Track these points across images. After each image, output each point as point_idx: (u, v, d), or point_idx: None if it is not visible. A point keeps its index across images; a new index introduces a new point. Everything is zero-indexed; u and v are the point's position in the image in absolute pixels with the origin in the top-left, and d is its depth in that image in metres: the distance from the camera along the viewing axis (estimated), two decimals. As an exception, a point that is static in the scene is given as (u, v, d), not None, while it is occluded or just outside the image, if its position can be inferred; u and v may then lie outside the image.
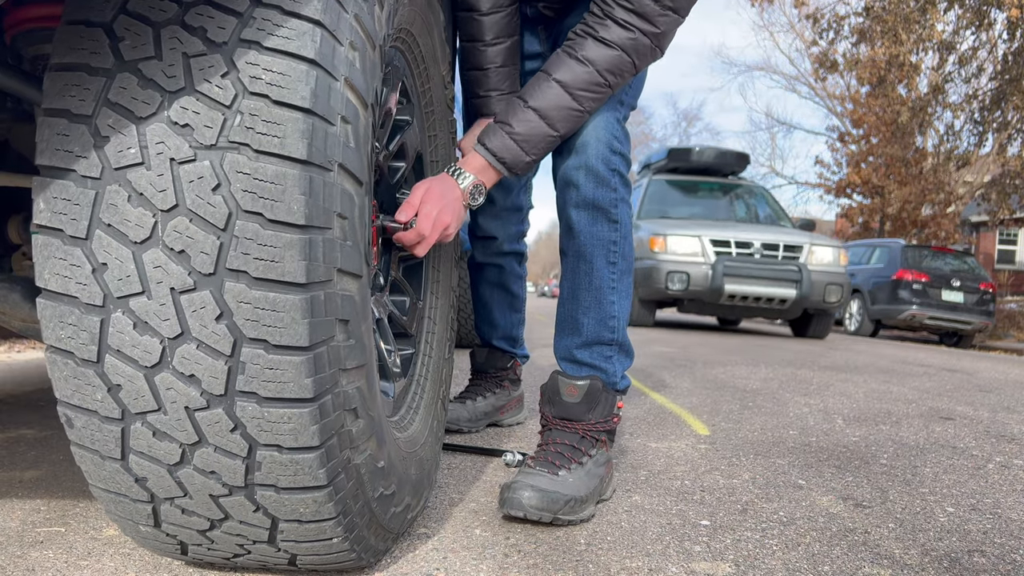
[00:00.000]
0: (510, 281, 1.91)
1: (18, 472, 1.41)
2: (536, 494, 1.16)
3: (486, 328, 1.96)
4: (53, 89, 0.70)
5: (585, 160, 1.32)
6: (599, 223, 1.35)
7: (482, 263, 1.88)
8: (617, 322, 1.38)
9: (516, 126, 1.25)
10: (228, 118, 0.69)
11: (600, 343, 1.38)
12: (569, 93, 1.25)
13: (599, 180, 1.33)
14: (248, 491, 0.77)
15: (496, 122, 1.28)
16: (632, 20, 1.23)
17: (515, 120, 1.26)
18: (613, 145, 1.34)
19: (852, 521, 1.29)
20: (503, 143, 1.26)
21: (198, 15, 0.70)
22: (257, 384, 0.71)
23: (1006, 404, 2.94)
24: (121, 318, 0.70)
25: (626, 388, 1.45)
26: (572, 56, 1.25)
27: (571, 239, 1.38)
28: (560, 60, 1.27)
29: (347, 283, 0.78)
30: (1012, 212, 14.16)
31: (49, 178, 0.70)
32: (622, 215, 1.36)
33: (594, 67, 1.25)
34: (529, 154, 1.27)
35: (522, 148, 1.26)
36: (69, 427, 0.76)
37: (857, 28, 13.69)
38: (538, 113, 1.25)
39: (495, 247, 1.85)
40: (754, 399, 2.76)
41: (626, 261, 1.39)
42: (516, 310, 1.96)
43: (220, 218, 0.68)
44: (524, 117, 1.25)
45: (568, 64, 1.25)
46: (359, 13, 0.80)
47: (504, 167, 1.27)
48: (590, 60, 1.25)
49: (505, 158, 1.26)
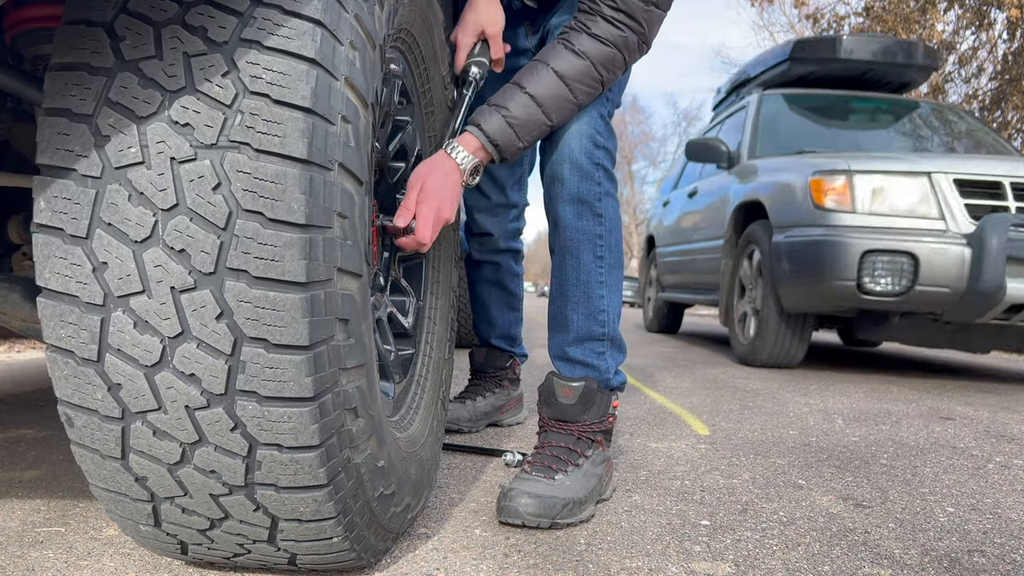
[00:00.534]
0: (507, 279, 1.92)
1: (18, 472, 1.41)
2: (533, 501, 1.16)
3: (484, 327, 1.96)
4: (54, 88, 0.70)
5: (569, 154, 1.33)
6: (584, 217, 1.35)
7: (479, 260, 1.89)
8: (607, 316, 1.38)
9: (513, 109, 1.25)
10: (229, 117, 0.69)
11: (591, 338, 1.38)
12: (565, 83, 1.26)
13: (583, 174, 1.33)
14: (248, 490, 0.77)
15: (491, 104, 1.27)
16: (619, 17, 1.25)
17: (512, 104, 1.26)
18: (597, 139, 1.34)
19: (852, 521, 1.29)
20: (499, 125, 1.25)
21: (199, 15, 0.70)
22: (257, 383, 0.71)
23: (1006, 404, 2.94)
24: (121, 317, 0.70)
25: (621, 384, 1.45)
26: (568, 48, 1.27)
27: (558, 234, 1.38)
28: (557, 51, 1.28)
29: (347, 282, 0.78)
30: (1012, 212, 14.15)
31: (50, 177, 0.70)
32: (607, 209, 1.37)
33: (590, 60, 1.26)
34: (522, 139, 1.27)
35: (516, 133, 1.26)
36: (69, 426, 0.76)
37: (857, 28, 13.69)
38: (535, 99, 1.26)
39: (491, 244, 1.85)
40: (754, 399, 2.76)
41: (613, 255, 1.39)
42: (514, 308, 1.96)
43: (220, 217, 0.68)
44: (521, 101, 1.26)
45: (565, 55, 1.27)
46: (359, 13, 0.80)
47: (496, 150, 1.26)
48: (586, 53, 1.26)
49: (499, 141, 1.25)
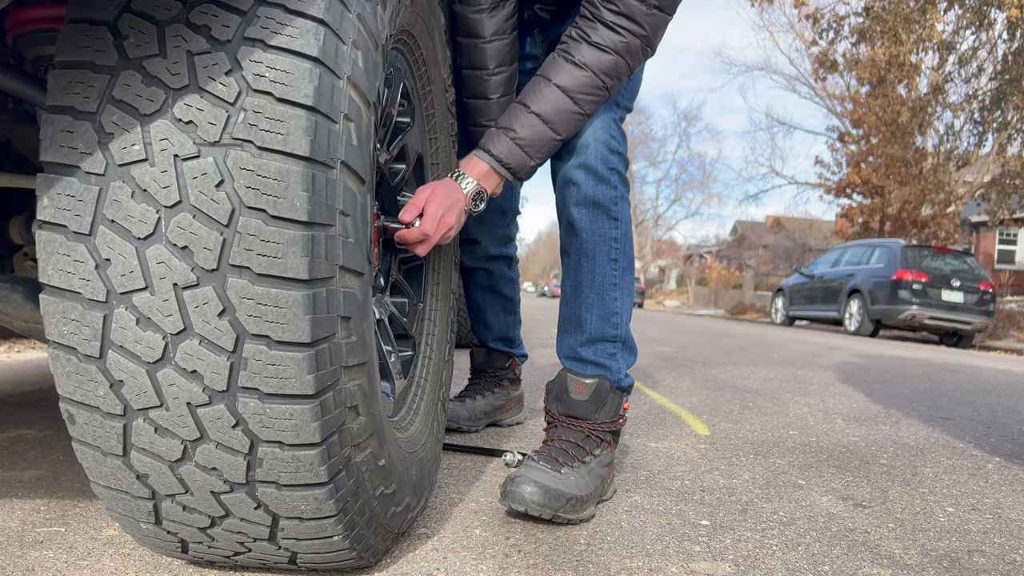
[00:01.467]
0: (500, 284, 1.90)
1: (18, 472, 1.41)
2: (538, 489, 1.16)
3: (481, 330, 1.96)
4: (57, 86, 0.70)
5: (585, 159, 1.34)
6: (600, 220, 1.36)
7: (471, 267, 1.88)
8: (620, 318, 1.39)
9: (520, 131, 1.26)
10: (232, 115, 0.69)
11: (604, 340, 1.38)
12: (570, 97, 1.26)
13: (599, 178, 1.34)
14: (249, 488, 0.77)
15: (498, 128, 1.29)
16: (621, 22, 1.24)
17: (519, 125, 1.27)
18: (611, 145, 1.35)
19: (852, 521, 1.29)
20: (508, 148, 1.27)
21: (202, 13, 0.70)
22: (259, 380, 0.71)
23: (1006, 404, 2.94)
24: (124, 314, 0.70)
25: (630, 386, 1.45)
26: (568, 60, 1.27)
27: (572, 237, 1.39)
28: (557, 64, 1.27)
29: (349, 280, 0.79)
30: (1012, 212, 14.16)
31: (53, 175, 0.70)
32: (622, 212, 1.37)
33: (591, 71, 1.26)
34: (533, 158, 1.29)
35: (527, 153, 1.27)
36: (71, 423, 0.76)
37: (857, 28, 13.70)
38: (541, 118, 1.26)
39: (479, 251, 1.84)
40: (754, 399, 2.76)
41: (627, 258, 1.40)
42: (510, 312, 1.96)
43: (223, 214, 0.69)
44: (528, 122, 1.26)
45: (566, 68, 1.26)
46: (362, 12, 0.80)
47: (509, 172, 1.29)
48: (587, 64, 1.25)
49: (511, 163, 1.28)
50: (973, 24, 12.07)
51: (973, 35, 12.51)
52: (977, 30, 12.28)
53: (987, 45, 12.54)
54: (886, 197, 16.68)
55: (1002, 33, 11.95)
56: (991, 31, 12.39)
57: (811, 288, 12.03)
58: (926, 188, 15.78)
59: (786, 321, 13.00)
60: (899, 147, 15.51)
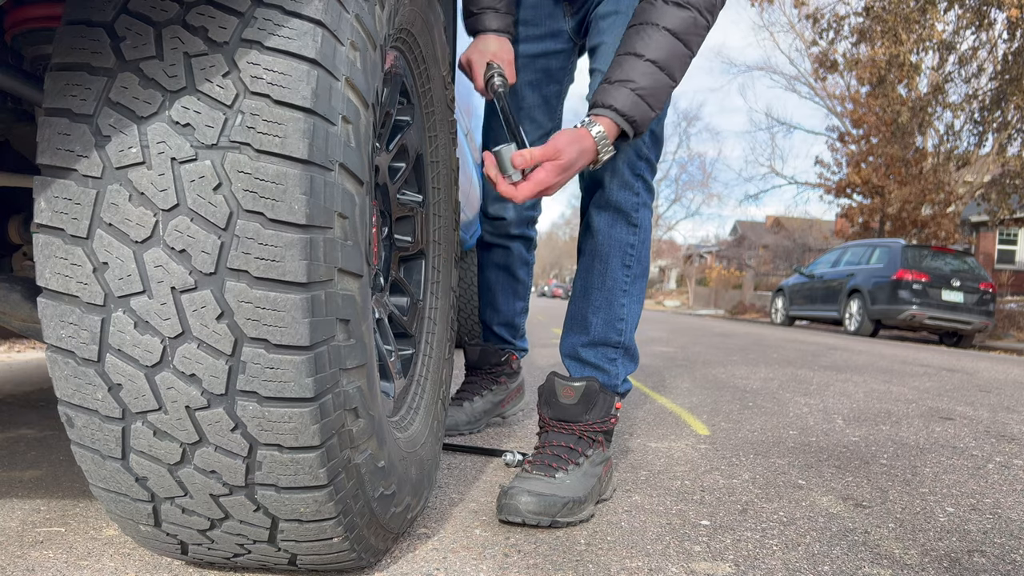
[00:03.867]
0: (516, 265, 1.89)
1: (18, 472, 1.41)
2: (533, 499, 1.16)
3: (489, 312, 1.94)
4: (54, 88, 0.70)
5: (612, 162, 1.32)
6: (618, 225, 1.35)
7: (490, 243, 1.87)
8: (625, 325, 1.39)
9: (639, 80, 1.21)
10: (229, 118, 0.69)
11: (606, 344, 1.38)
12: (680, 39, 1.23)
13: (623, 183, 1.33)
14: (248, 490, 0.77)
15: (612, 82, 1.24)
16: None
17: (635, 74, 1.21)
18: (641, 150, 1.34)
19: (852, 521, 1.29)
20: (631, 100, 1.21)
21: (199, 15, 0.70)
22: (258, 383, 0.71)
23: (1006, 404, 2.94)
24: (122, 317, 0.70)
25: (627, 392, 1.45)
26: (667, 2, 1.23)
27: (589, 238, 1.39)
28: (659, 8, 1.23)
29: (348, 283, 0.78)
30: (1012, 212, 14.15)
31: (50, 177, 0.70)
32: (642, 219, 1.37)
33: (695, 9, 1.23)
34: (654, 108, 1.24)
35: (648, 103, 1.23)
36: (70, 426, 0.76)
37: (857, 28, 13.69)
38: (656, 64, 1.22)
39: (503, 228, 1.82)
40: (754, 399, 2.76)
41: (641, 266, 1.39)
42: (520, 297, 1.94)
43: (221, 217, 0.68)
44: (644, 70, 1.22)
45: (670, 11, 1.23)
46: (360, 13, 0.80)
47: (632, 126, 1.23)
48: (690, 3, 1.23)
49: (635, 116, 1.22)
50: (973, 24, 12.07)
51: (973, 35, 12.51)
52: (977, 30, 12.28)
53: (987, 45, 12.54)
54: (886, 197, 16.68)
55: (1002, 33, 11.96)
56: (991, 31, 12.39)
57: (811, 288, 12.03)
58: (926, 188, 15.78)
59: (786, 321, 13.00)
60: (899, 147, 15.50)
